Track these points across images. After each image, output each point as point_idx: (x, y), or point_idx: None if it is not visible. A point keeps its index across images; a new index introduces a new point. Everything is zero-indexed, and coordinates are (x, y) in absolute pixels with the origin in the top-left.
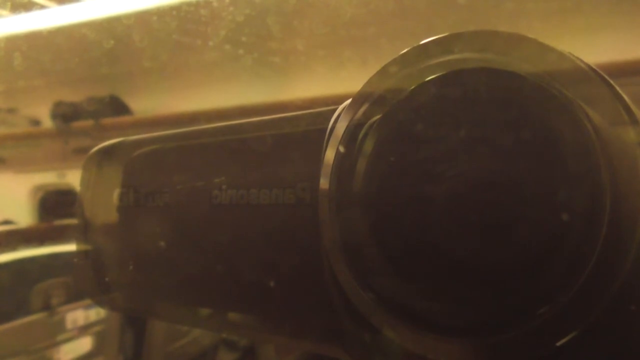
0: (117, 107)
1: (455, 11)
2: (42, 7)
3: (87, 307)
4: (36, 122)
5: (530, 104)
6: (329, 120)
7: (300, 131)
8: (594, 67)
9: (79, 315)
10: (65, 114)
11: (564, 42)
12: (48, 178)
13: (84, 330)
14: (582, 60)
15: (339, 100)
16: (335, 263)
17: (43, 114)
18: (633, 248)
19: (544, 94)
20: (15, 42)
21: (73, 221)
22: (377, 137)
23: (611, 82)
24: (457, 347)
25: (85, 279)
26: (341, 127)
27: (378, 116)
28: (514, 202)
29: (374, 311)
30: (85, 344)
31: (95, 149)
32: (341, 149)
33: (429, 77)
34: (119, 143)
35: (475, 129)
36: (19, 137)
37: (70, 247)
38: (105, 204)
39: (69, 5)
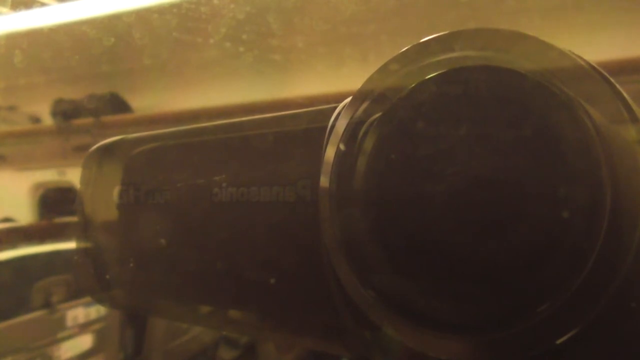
0: (118, 104)
1: (455, 9)
2: (42, 4)
3: (87, 305)
4: (36, 120)
5: (530, 102)
6: (330, 118)
7: (300, 129)
8: (594, 64)
9: (79, 312)
10: (66, 112)
11: (565, 40)
12: (48, 176)
13: (84, 327)
14: (582, 58)
15: (339, 98)
16: (335, 260)
17: (43, 111)
18: (633, 245)
19: (544, 92)
20: (16, 40)
21: (73, 219)
22: (377, 134)
23: (611, 79)
24: (457, 344)
25: (86, 277)
26: (341, 125)
27: (378, 114)
28: (515, 200)
29: (374, 308)
30: (85, 341)
31: (96, 146)
32: (341, 146)
33: (429, 74)
34: (119, 141)
35: (476, 127)
36: (19, 135)
37: (71, 244)
38: (106, 202)
39: (70, 3)
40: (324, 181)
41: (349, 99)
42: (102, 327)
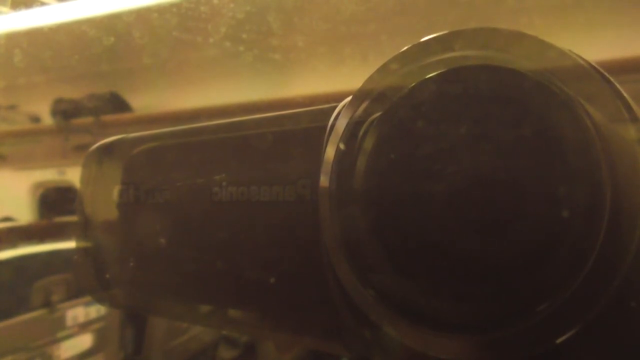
0: (118, 104)
1: (455, 8)
2: (42, 4)
3: (87, 304)
4: (36, 119)
5: (530, 101)
6: (330, 118)
7: (300, 128)
8: (594, 64)
9: (79, 312)
10: (66, 111)
11: (565, 39)
12: (48, 175)
13: (84, 327)
14: (582, 58)
15: (339, 97)
16: (335, 260)
17: (43, 110)
18: (633, 245)
19: (544, 91)
20: (16, 39)
21: (73, 218)
22: (377, 134)
23: (611, 79)
24: (457, 344)
25: (86, 276)
26: (341, 125)
27: (378, 113)
28: (514, 199)
29: (374, 308)
30: (85, 340)
31: (96, 146)
32: (341, 146)
33: (429, 74)
34: (119, 140)
35: (476, 126)
36: (19, 134)
37: (71, 244)
38: (105, 201)
39: (69, 2)
40: (324, 180)
41: (349, 98)
42: (102, 327)
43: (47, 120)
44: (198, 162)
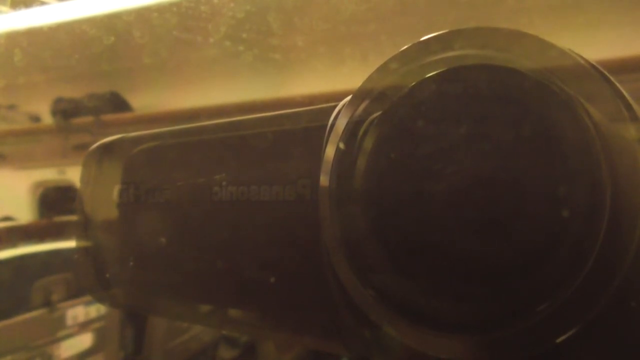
0: (118, 103)
1: (455, 8)
2: (42, 3)
3: (87, 304)
4: (36, 119)
5: (530, 101)
6: (329, 117)
7: (300, 128)
8: (594, 63)
9: (79, 311)
10: (66, 110)
11: (565, 39)
12: (48, 174)
13: (84, 326)
14: (582, 57)
15: (339, 97)
16: (335, 259)
17: (43, 110)
18: (633, 244)
19: (544, 91)
20: (16, 38)
21: (73, 217)
22: (377, 133)
23: (611, 78)
24: (457, 344)
25: (86, 276)
26: (341, 124)
27: (378, 113)
28: (515, 199)
29: (374, 307)
30: (85, 340)
31: (96, 145)
32: (341, 145)
33: (429, 73)
34: (119, 139)
35: (476, 126)
36: (19, 134)
37: (71, 243)
38: (106, 201)
39: (69, 2)
40: (324, 180)
41: (349, 97)
42: (102, 326)
43: (47, 119)
44: (198, 162)
